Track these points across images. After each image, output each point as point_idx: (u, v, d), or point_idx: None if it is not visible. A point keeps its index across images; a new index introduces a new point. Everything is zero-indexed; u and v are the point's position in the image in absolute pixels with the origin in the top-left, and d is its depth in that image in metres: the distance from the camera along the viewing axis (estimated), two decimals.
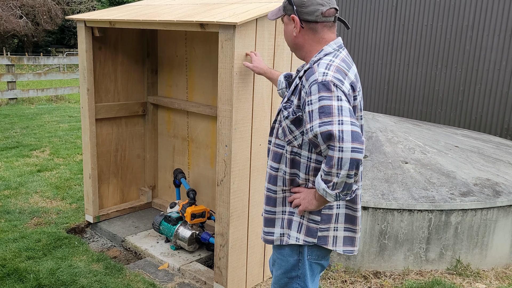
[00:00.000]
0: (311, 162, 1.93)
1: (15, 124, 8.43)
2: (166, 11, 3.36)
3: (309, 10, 1.90)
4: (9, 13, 25.57)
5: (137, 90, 4.36)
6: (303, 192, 1.96)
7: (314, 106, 1.73)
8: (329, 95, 1.72)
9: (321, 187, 1.76)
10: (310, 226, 1.97)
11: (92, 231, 4.18)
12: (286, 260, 2.06)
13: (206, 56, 3.97)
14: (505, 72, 6.83)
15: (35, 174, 5.56)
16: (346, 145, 1.65)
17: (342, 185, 1.72)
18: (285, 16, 2.00)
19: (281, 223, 2.05)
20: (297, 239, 1.99)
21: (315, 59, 1.90)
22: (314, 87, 1.75)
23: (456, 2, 7.23)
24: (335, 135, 1.66)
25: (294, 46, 2.02)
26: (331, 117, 1.69)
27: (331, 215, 1.97)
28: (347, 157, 1.66)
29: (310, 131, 1.75)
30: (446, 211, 3.62)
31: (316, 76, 1.77)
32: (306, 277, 2.05)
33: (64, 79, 16.67)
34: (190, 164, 4.31)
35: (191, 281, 3.35)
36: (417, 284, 3.46)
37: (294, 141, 1.93)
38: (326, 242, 1.99)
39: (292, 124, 1.91)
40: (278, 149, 2.01)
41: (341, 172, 1.68)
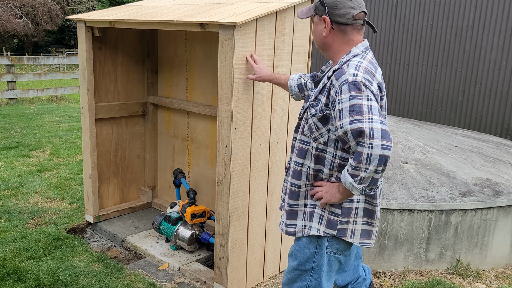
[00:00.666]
0: (336, 159, 2.01)
1: (15, 124, 8.43)
2: (166, 11, 3.36)
3: (341, 12, 1.98)
4: (9, 13, 25.57)
5: (137, 90, 4.36)
6: (325, 186, 2.04)
7: (345, 104, 1.81)
8: (359, 94, 1.80)
9: (348, 181, 1.84)
10: (331, 219, 2.06)
11: (92, 231, 4.18)
12: (303, 251, 2.13)
13: (206, 56, 3.97)
14: (505, 72, 6.83)
15: (35, 174, 5.56)
16: (376, 142, 1.74)
17: (369, 180, 1.81)
18: (316, 16, 2.07)
19: (303, 215, 2.13)
20: (318, 230, 2.08)
21: (344, 60, 1.98)
22: (344, 87, 1.83)
23: (456, 2, 7.23)
24: (366, 133, 1.74)
25: (323, 46, 2.09)
26: (361, 115, 1.77)
27: (351, 208, 2.05)
28: (377, 153, 1.74)
29: (340, 128, 1.83)
30: (446, 211, 3.62)
31: (346, 76, 1.85)
32: (322, 270, 2.12)
33: (64, 79, 16.67)
34: (190, 164, 4.31)
35: (191, 281, 3.35)
36: (417, 284, 3.46)
37: (320, 138, 2.02)
38: (345, 234, 2.06)
39: (319, 122, 1.99)
40: (303, 145, 2.09)
41: (369, 167, 1.76)
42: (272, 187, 3.24)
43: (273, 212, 3.31)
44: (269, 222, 3.29)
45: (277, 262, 3.47)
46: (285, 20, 3.02)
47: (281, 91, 3.13)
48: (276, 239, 3.39)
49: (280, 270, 3.52)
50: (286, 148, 3.29)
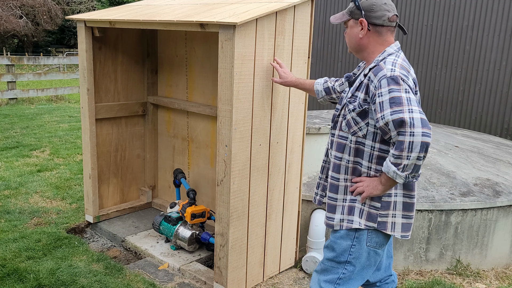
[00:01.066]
0: (374, 151, 2.12)
1: (15, 124, 8.43)
2: (166, 11, 3.36)
3: (377, 14, 2.13)
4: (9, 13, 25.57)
5: (137, 90, 4.36)
6: (365, 181, 2.14)
7: (385, 97, 1.95)
8: (398, 87, 1.94)
9: (391, 169, 1.95)
10: (371, 212, 2.15)
11: (92, 231, 4.18)
12: (340, 243, 2.22)
13: (206, 56, 3.97)
14: (505, 72, 6.83)
15: (35, 174, 5.56)
16: (417, 130, 1.86)
17: (411, 167, 1.91)
18: (351, 20, 2.21)
19: (342, 210, 2.22)
20: (360, 223, 2.17)
21: (380, 58, 2.12)
22: (383, 81, 1.97)
23: (456, 2, 7.23)
24: (407, 122, 1.87)
25: (358, 47, 2.22)
26: (401, 107, 1.90)
27: (389, 202, 2.14)
28: (418, 140, 1.86)
29: (381, 119, 1.95)
30: (446, 211, 3.62)
31: (384, 72, 1.99)
32: (358, 263, 2.20)
33: (64, 79, 16.67)
34: (190, 164, 4.31)
35: (191, 281, 3.35)
36: (417, 284, 3.46)
37: (359, 132, 2.13)
38: (385, 227, 2.15)
39: (358, 116, 2.12)
40: (341, 140, 2.21)
41: (411, 154, 1.88)
42: (272, 187, 3.24)
43: (273, 212, 3.31)
44: (269, 222, 3.29)
45: (277, 262, 3.47)
46: (285, 20, 3.02)
47: (281, 91, 3.13)
48: (276, 239, 3.39)
49: (280, 270, 3.52)
50: (286, 148, 3.29)
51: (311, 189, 3.80)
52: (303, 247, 3.73)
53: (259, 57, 2.90)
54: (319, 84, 2.77)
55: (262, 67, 2.94)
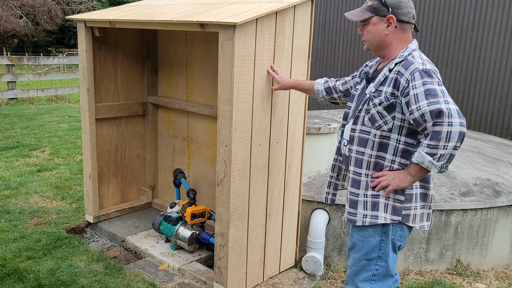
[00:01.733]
0: (400, 144, 2.15)
1: (15, 124, 8.43)
2: (166, 11, 3.36)
3: (405, 11, 2.17)
4: (9, 13, 25.57)
5: (137, 90, 4.36)
6: (389, 174, 2.15)
7: (419, 89, 1.99)
8: (431, 80, 2.00)
9: (426, 159, 1.98)
10: (396, 206, 2.17)
11: (92, 231, 4.18)
12: (368, 241, 2.23)
13: (206, 56, 3.97)
14: (505, 72, 6.83)
15: (35, 174, 5.56)
16: (455, 120, 1.91)
17: (447, 156, 1.96)
18: (375, 16, 2.20)
19: (364, 205, 2.22)
20: (385, 218, 2.18)
21: (405, 53, 2.15)
22: (417, 74, 2.01)
23: (456, 2, 7.23)
24: (445, 112, 1.91)
25: (382, 44, 2.22)
26: (437, 98, 1.95)
27: (412, 194, 2.18)
28: (456, 130, 1.91)
29: (417, 111, 1.98)
30: (446, 211, 3.62)
31: (416, 65, 2.04)
32: (388, 257, 2.23)
33: (64, 79, 16.67)
34: (190, 164, 4.31)
35: (191, 281, 3.35)
36: (417, 284, 3.46)
37: (384, 126, 2.15)
38: (408, 220, 2.19)
39: (384, 110, 2.13)
40: (364, 135, 2.22)
41: (449, 144, 1.92)
42: (272, 187, 3.24)
43: (273, 212, 3.31)
44: (269, 222, 3.29)
45: (277, 262, 3.47)
46: (285, 20, 3.02)
47: (281, 91, 3.13)
48: (276, 239, 3.39)
49: (280, 270, 3.52)
50: (286, 148, 3.29)
51: (311, 189, 3.80)
52: (303, 247, 3.73)
53: (259, 57, 2.90)
54: (319, 84, 2.81)
55: (262, 67, 2.94)
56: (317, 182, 3.91)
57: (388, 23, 2.17)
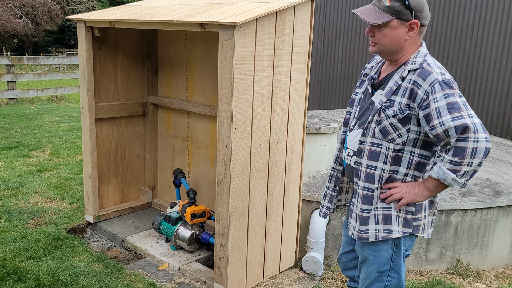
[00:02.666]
0: (414, 157, 2.03)
1: (15, 124, 8.43)
2: (166, 11, 3.36)
3: (426, 15, 2.01)
4: (9, 13, 25.57)
5: (137, 90, 4.36)
6: (401, 187, 2.04)
7: (441, 103, 1.87)
8: (452, 92, 1.88)
9: (449, 176, 1.88)
10: (407, 218, 2.08)
11: (92, 231, 4.18)
12: (381, 255, 2.14)
13: (206, 56, 3.97)
14: (505, 72, 6.83)
15: (35, 174, 5.56)
16: (481, 135, 1.82)
17: (471, 173, 1.88)
18: (394, 20, 1.99)
19: (375, 219, 2.11)
20: (398, 232, 2.09)
21: (419, 60, 1.99)
22: (437, 86, 1.88)
23: (456, 2, 7.23)
24: (470, 128, 1.82)
25: (398, 50, 2.04)
26: (461, 112, 1.84)
27: (422, 205, 2.09)
28: (482, 146, 1.82)
29: (440, 126, 1.86)
30: (446, 211, 3.62)
31: (435, 76, 1.90)
32: (401, 268, 2.17)
33: (64, 79, 16.67)
34: (190, 164, 4.31)
35: (191, 281, 3.35)
36: (417, 284, 3.46)
37: (398, 139, 2.01)
38: (418, 230, 2.11)
39: (398, 122, 1.99)
40: (375, 148, 2.07)
41: (474, 161, 1.84)
42: (272, 187, 3.24)
43: (273, 212, 3.31)
44: (269, 222, 3.29)
45: (277, 262, 3.47)
46: (285, 20, 3.02)
47: (281, 91, 3.13)
48: (276, 239, 3.39)
49: (280, 270, 3.52)
50: (286, 148, 3.29)
51: (311, 189, 3.80)
52: (303, 247, 3.73)
53: (259, 57, 2.89)
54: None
55: (262, 67, 2.94)
56: (317, 182, 3.91)
57: (410, 28, 1.99)
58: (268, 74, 2.99)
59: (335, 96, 9.01)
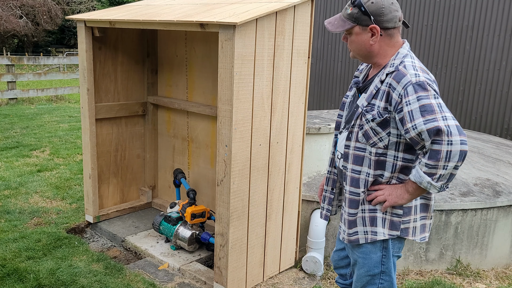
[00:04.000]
0: (398, 161, 2.01)
1: (15, 124, 8.43)
2: (166, 11, 3.36)
3: (388, 18, 1.97)
4: (9, 13, 25.57)
5: (137, 90, 4.36)
6: (386, 189, 2.03)
7: (414, 106, 1.84)
8: (426, 94, 1.84)
9: (425, 180, 1.85)
10: (394, 220, 2.06)
11: (92, 231, 4.18)
12: (369, 257, 2.13)
13: (206, 56, 3.96)
14: (505, 72, 6.83)
15: (35, 174, 5.56)
16: (455, 138, 1.78)
17: (447, 176, 1.84)
18: (356, 26, 2.01)
19: (362, 221, 2.11)
20: (384, 234, 2.08)
21: (396, 62, 1.97)
22: (410, 88, 1.85)
23: (456, 2, 7.23)
24: (444, 130, 1.78)
25: (368, 54, 2.05)
26: (434, 114, 1.80)
27: (411, 207, 2.05)
28: (457, 149, 1.78)
29: (413, 130, 1.84)
30: (446, 211, 3.62)
31: (409, 78, 1.87)
32: (391, 271, 2.16)
33: (64, 79, 16.67)
34: (190, 164, 4.31)
35: (191, 281, 3.35)
36: (417, 284, 3.46)
37: (379, 143, 2.00)
38: (407, 233, 2.08)
39: (378, 126, 1.98)
40: (359, 152, 2.07)
41: (449, 164, 1.80)
42: (272, 187, 3.24)
43: (273, 212, 3.31)
44: (269, 222, 3.29)
45: (277, 262, 3.47)
46: (285, 20, 3.02)
47: (281, 91, 3.13)
48: (276, 239, 3.39)
49: (280, 270, 3.52)
50: (286, 148, 3.29)
51: (311, 189, 3.80)
52: (303, 247, 3.73)
53: (259, 57, 2.89)
54: None
55: (262, 67, 2.94)
56: (317, 182, 3.91)
57: (372, 32, 1.98)
58: (268, 74, 2.99)
59: (335, 96, 9.01)
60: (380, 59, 2.05)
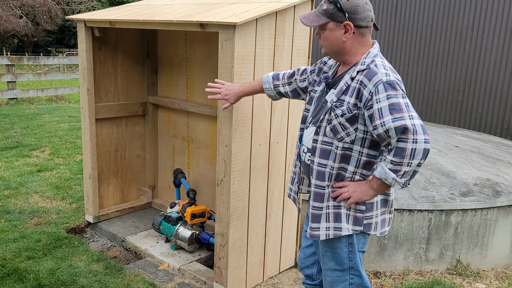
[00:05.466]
0: (362, 156, 2.07)
1: (15, 124, 8.43)
2: (166, 11, 3.36)
3: (362, 16, 2.03)
4: (9, 13, 25.57)
5: (137, 90, 4.36)
6: (350, 186, 2.07)
7: (383, 103, 1.90)
8: (395, 93, 1.91)
9: (390, 176, 1.92)
10: (357, 216, 2.11)
11: (92, 231, 4.18)
12: (337, 253, 2.18)
13: (206, 56, 3.97)
14: (505, 72, 6.83)
15: (35, 174, 5.56)
16: (420, 137, 1.85)
17: (411, 173, 1.91)
18: (331, 22, 2.06)
19: (326, 217, 2.15)
20: (348, 229, 2.12)
21: (367, 60, 2.04)
22: (380, 87, 1.92)
23: (456, 2, 7.23)
24: (410, 129, 1.85)
25: (340, 51, 2.11)
26: (402, 113, 1.87)
27: (373, 203, 2.12)
28: (421, 147, 1.85)
29: (381, 126, 1.90)
30: (446, 211, 3.62)
31: (380, 77, 1.94)
32: (359, 266, 2.20)
33: (64, 79, 16.67)
34: (190, 164, 4.31)
35: (191, 281, 3.35)
36: (417, 284, 3.46)
37: (347, 137, 2.06)
38: (370, 229, 2.14)
39: (347, 122, 2.04)
40: (326, 146, 2.11)
41: (413, 161, 1.87)
42: (272, 187, 3.24)
43: (273, 212, 3.31)
44: (269, 222, 3.29)
45: (277, 262, 3.47)
46: (285, 20, 3.02)
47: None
48: (276, 239, 3.39)
49: (280, 270, 3.52)
50: (286, 148, 3.29)
51: None
52: None
53: (259, 57, 2.90)
54: (270, 90, 2.57)
55: (262, 67, 2.94)
56: None
57: (345, 29, 2.04)
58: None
59: None
60: (350, 57, 2.11)
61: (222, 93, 2.64)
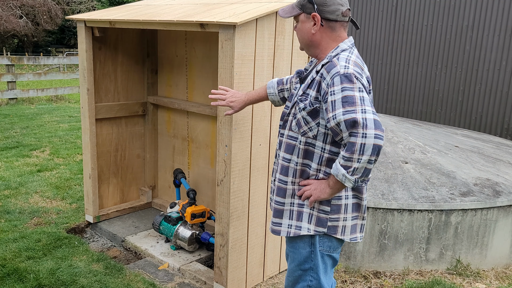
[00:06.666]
0: (325, 153, 2.02)
1: (15, 124, 8.43)
2: (166, 11, 3.37)
3: (331, 9, 2.00)
4: (9, 13, 25.58)
5: (137, 90, 4.37)
6: (313, 184, 2.04)
7: (337, 96, 1.84)
8: (351, 86, 1.84)
9: (340, 172, 1.85)
10: (320, 216, 2.06)
11: (92, 231, 4.18)
12: (299, 252, 2.14)
13: (206, 56, 3.97)
14: (505, 72, 6.83)
15: (35, 174, 5.56)
16: (370, 131, 1.77)
17: (362, 170, 1.83)
18: (302, 14, 2.07)
19: (289, 214, 2.12)
20: (308, 229, 2.08)
21: (333, 54, 2.00)
22: (336, 79, 1.87)
23: (456, 2, 7.23)
24: (359, 122, 1.77)
25: (310, 43, 2.09)
26: (354, 106, 1.80)
27: (340, 205, 2.05)
28: (370, 143, 1.77)
29: (333, 119, 1.84)
30: (446, 211, 3.62)
31: (338, 69, 1.89)
32: (319, 269, 2.12)
33: (64, 79, 16.67)
34: (190, 164, 4.31)
35: (191, 281, 3.35)
36: (417, 284, 3.46)
37: (309, 132, 2.02)
38: (336, 232, 2.07)
39: (308, 116, 2.00)
40: (291, 141, 2.09)
41: (362, 157, 1.79)
42: None
43: None
44: (269, 222, 3.29)
45: (277, 262, 3.47)
46: (285, 20, 3.02)
47: None
48: (276, 239, 3.39)
49: (280, 270, 3.52)
50: None
51: None
52: None
53: (259, 57, 2.90)
54: (274, 95, 2.54)
55: (262, 67, 2.94)
56: None
57: (314, 21, 2.02)
58: (268, 74, 2.99)
59: None
60: (321, 52, 2.08)
61: (227, 99, 2.59)
